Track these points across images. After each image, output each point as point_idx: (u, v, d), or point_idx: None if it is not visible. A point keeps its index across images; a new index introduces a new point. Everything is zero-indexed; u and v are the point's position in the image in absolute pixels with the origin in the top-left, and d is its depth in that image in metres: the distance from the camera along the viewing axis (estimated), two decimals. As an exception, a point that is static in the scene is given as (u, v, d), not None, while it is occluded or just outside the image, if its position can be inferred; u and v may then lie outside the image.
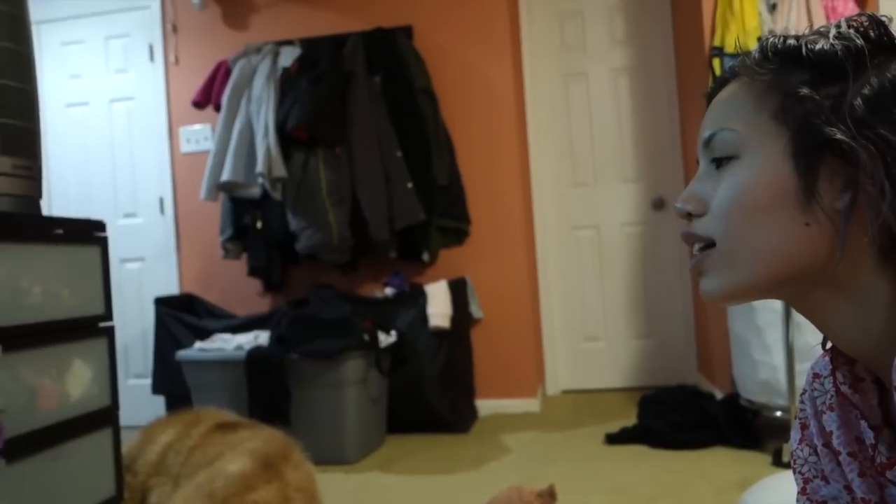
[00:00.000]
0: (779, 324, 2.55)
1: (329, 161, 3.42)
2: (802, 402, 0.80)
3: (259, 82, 3.53)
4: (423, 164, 3.51)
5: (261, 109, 3.47)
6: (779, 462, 2.51)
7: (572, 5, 4.15)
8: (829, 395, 0.75)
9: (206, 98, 3.70)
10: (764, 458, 2.63)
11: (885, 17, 0.68)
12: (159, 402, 3.62)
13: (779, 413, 2.65)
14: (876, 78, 0.64)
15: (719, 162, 0.71)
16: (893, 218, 0.61)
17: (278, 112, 3.44)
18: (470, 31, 3.74)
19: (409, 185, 3.44)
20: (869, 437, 0.69)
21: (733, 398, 2.91)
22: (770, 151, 0.67)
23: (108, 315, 1.73)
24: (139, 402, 3.72)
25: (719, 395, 3.21)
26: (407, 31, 3.70)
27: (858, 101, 0.63)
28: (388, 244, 3.50)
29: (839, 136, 0.62)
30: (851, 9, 2.91)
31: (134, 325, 4.03)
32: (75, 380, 1.60)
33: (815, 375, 0.79)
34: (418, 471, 2.83)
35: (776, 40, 0.71)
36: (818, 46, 0.67)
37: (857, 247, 0.64)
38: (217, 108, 3.67)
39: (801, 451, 0.80)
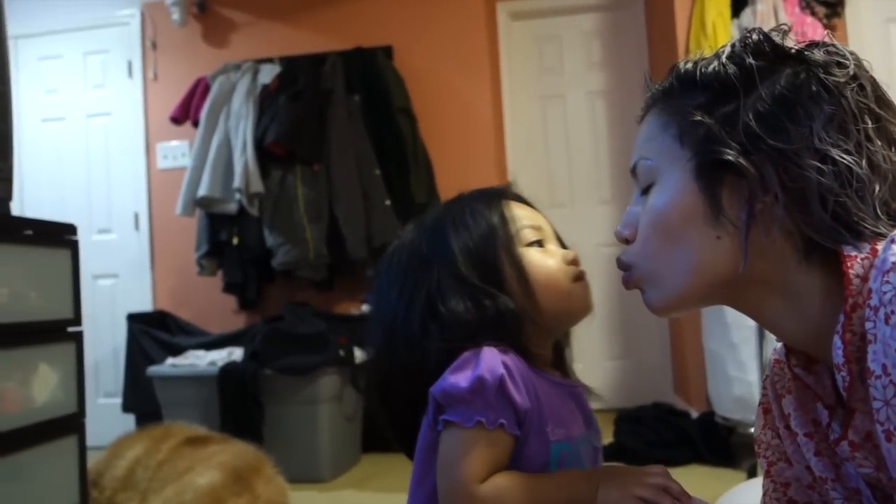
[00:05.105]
0: (753, 339, 2.57)
1: (306, 178, 3.42)
2: (765, 387, 0.82)
3: (238, 98, 3.53)
4: (401, 183, 3.52)
5: (239, 125, 3.47)
6: (754, 478, 2.52)
7: (550, 29, 4.21)
8: (786, 379, 0.77)
9: (185, 114, 3.69)
10: (739, 476, 2.62)
11: (784, 26, 0.70)
12: (129, 421, 3.54)
13: (753, 430, 2.66)
14: (766, 91, 0.66)
15: (644, 189, 0.74)
16: (790, 222, 0.65)
17: (257, 128, 3.44)
18: (449, 52, 3.78)
19: (388, 202, 3.45)
20: (824, 416, 0.70)
21: (708, 416, 2.91)
22: (678, 174, 0.70)
23: (77, 320, 1.70)
24: (109, 421, 3.62)
25: (695, 413, 3.21)
26: (387, 51, 3.73)
27: (750, 117, 0.65)
28: (366, 262, 3.48)
29: (728, 156, 0.65)
30: (821, 33, 2.98)
31: (105, 342, 3.96)
32: (41, 384, 1.56)
33: (776, 361, 0.80)
34: (394, 489, 2.79)
35: (680, 66, 0.73)
36: (710, 69, 0.70)
37: (773, 250, 0.66)
38: (195, 124, 3.66)
39: (765, 435, 0.81)
